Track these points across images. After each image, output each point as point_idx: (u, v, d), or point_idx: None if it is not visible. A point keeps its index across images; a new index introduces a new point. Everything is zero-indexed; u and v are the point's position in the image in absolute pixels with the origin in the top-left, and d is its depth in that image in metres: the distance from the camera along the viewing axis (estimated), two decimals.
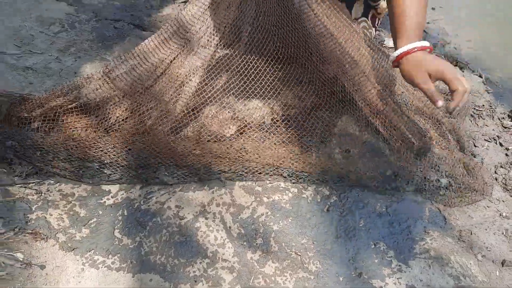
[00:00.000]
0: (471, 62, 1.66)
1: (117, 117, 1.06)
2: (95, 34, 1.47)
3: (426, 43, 0.95)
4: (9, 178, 0.99)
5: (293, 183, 1.06)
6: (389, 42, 1.65)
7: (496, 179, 1.19)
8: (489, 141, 1.31)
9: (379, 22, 1.47)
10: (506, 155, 1.27)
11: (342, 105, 1.21)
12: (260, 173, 1.05)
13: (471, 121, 1.38)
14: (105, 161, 1.02)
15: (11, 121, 1.02)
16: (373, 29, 1.45)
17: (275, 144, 1.12)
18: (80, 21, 1.52)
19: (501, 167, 1.23)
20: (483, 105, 1.45)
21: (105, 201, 0.99)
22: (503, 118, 1.41)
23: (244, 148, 1.06)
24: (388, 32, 1.76)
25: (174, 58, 1.10)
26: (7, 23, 1.43)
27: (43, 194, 0.98)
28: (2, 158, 1.00)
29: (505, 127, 1.37)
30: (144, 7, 1.65)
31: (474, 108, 1.42)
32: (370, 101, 1.16)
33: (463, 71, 1.58)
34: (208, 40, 1.15)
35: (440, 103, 0.91)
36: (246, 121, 1.17)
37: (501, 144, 1.31)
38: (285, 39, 1.21)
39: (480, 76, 1.59)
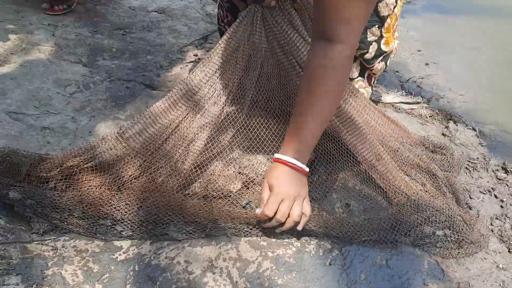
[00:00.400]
0: (464, 116, 1.74)
1: (129, 175, 1.13)
2: (108, 94, 1.57)
3: (299, 165, 1.07)
4: (27, 235, 1.04)
5: (297, 237, 1.11)
6: (386, 98, 1.74)
7: (492, 231, 1.24)
8: (484, 193, 1.37)
9: (375, 80, 1.57)
10: (501, 206, 1.32)
11: (341, 160, 1.28)
12: (264, 228, 1.10)
13: (466, 174, 1.44)
14: (117, 218, 1.08)
15: (31, 181, 1.09)
16: (370, 87, 1.55)
17: None
18: (94, 81, 1.62)
19: (497, 218, 1.28)
20: (477, 158, 1.51)
21: (117, 257, 1.04)
22: (497, 170, 1.47)
23: (249, 204, 1.12)
24: (385, 88, 1.86)
25: (183, 118, 1.19)
26: (27, 85, 1.53)
27: (58, 250, 1.03)
28: (21, 216, 1.06)
29: (499, 179, 1.43)
30: (154, 67, 1.76)
31: (469, 161, 1.49)
32: (367, 156, 1.23)
33: (457, 125, 1.66)
34: (215, 102, 1.23)
35: (257, 210, 1.07)
36: (250, 177, 1.24)
37: (496, 196, 1.36)
38: (286, 98, 1.30)
39: (474, 129, 1.66)
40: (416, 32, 2.49)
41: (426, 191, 1.23)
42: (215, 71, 1.22)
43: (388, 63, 1.49)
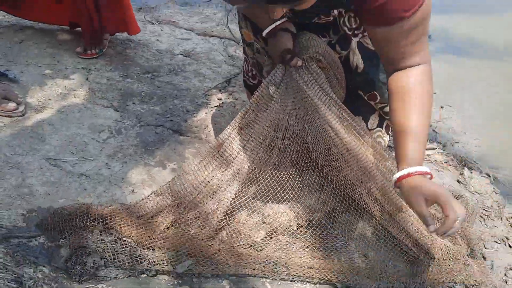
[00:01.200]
0: (478, 161, 1.79)
1: (162, 229, 1.22)
2: (138, 139, 1.67)
3: (425, 169, 1.07)
4: (68, 283, 1.13)
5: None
6: None
7: (506, 282, 1.28)
8: (498, 243, 1.42)
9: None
10: None
11: (360, 212, 1.34)
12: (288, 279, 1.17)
13: (480, 222, 1.49)
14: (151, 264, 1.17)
15: (74, 233, 1.19)
16: (387, 136, 1.62)
17: (300, 251, 1.25)
18: (125, 127, 1.72)
19: (510, 269, 1.32)
20: (492, 206, 1.56)
21: None
22: (511, 218, 1.52)
23: (273, 261, 1.20)
24: None
25: (215, 175, 1.28)
26: (64, 130, 1.64)
27: None
28: (62, 265, 1.15)
29: None
30: (181, 112, 1.86)
31: (484, 209, 1.54)
32: (384, 208, 1.30)
33: (471, 172, 1.71)
34: (244, 156, 1.31)
35: (432, 227, 1.01)
36: (273, 226, 1.31)
37: (510, 246, 1.41)
38: (309, 152, 1.37)
39: (488, 175, 1.71)
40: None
41: (441, 243, 1.29)
42: (246, 128, 1.30)
43: None
